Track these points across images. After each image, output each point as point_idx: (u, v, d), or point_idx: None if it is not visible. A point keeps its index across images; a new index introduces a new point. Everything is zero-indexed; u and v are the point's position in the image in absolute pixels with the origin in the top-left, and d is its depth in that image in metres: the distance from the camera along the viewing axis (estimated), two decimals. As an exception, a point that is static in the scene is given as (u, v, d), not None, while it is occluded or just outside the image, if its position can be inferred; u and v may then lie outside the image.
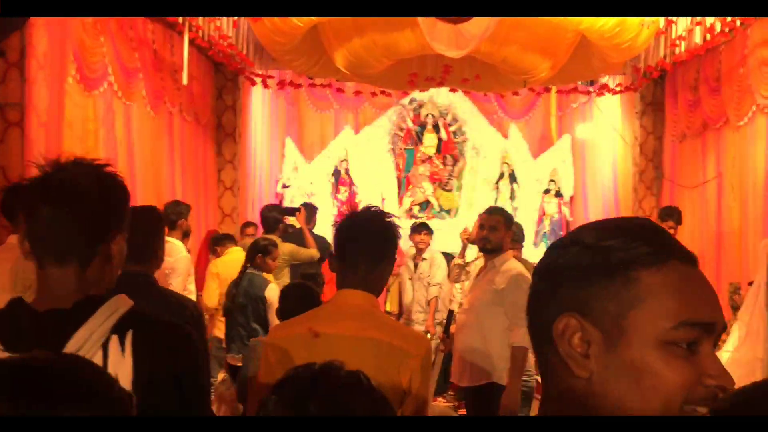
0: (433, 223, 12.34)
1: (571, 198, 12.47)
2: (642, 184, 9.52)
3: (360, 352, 2.17)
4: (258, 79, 9.19)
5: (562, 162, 12.59)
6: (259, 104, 10.98)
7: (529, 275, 4.48)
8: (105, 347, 1.49)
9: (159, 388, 1.52)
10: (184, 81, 7.19)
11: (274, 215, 6.62)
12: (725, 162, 7.63)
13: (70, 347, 1.44)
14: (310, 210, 7.59)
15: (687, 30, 6.45)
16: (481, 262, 4.79)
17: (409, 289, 7.20)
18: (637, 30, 6.32)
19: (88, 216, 1.55)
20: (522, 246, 6.96)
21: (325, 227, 12.88)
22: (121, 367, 1.46)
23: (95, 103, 6.36)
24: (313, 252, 6.60)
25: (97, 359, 1.44)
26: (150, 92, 7.37)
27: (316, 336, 2.28)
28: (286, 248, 6.53)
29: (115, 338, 1.49)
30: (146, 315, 1.62)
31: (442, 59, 7.27)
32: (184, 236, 6.01)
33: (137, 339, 1.51)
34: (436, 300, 6.92)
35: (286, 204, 12.30)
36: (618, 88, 8.93)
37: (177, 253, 5.86)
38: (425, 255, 7.12)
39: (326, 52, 7.43)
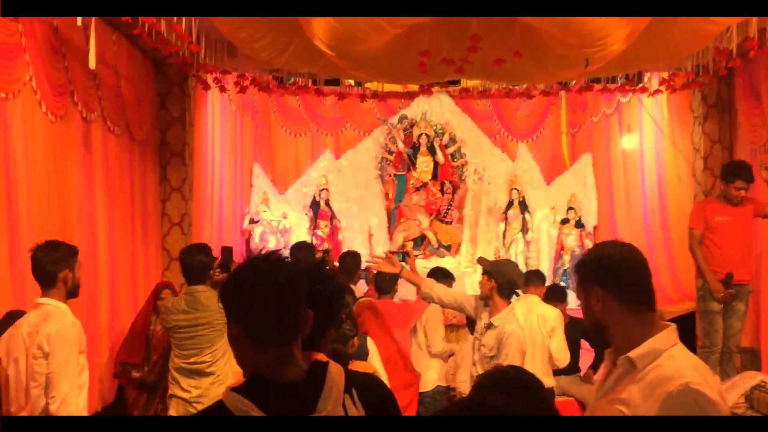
0: (430, 263, 9.93)
1: (595, 228, 10.11)
2: (708, 208, 7.17)
3: None
4: (212, 83, 6.78)
5: (582, 186, 10.25)
6: (218, 119, 8.51)
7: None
8: (344, 406, 1.71)
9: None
10: (91, 64, 4.73)
11: (201, 259, 4.18)
12: None
13: (319, 412, 1.66)
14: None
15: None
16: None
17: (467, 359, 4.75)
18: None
19: (292, 307, 1.69)
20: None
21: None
22: None
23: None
24: None
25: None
26: (45, 85, 4.89)
27: None
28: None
29: (348, 398, 1.73)
30: (356, 374, 1.86)
31: (465, 30, 4.91)
32: (70, 295, 3.51)
33: (360, 395, 1.75)
34: None
35: (255, 242, 9.83)
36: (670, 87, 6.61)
37: (58, 320, 3.36)
38: (495, 320, 4.31)
39: (301, 28, 5.04)
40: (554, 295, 5.90)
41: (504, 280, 4.32)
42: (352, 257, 5.50)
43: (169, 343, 4.51)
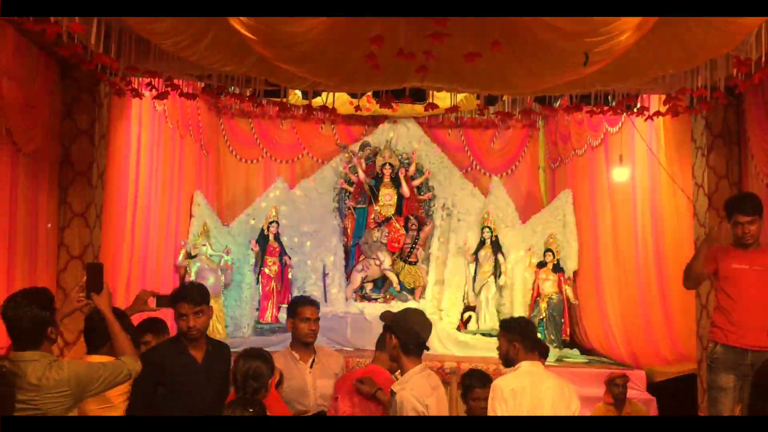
0: (392, 307, 8.57)
1: (576, 273, 8.85)
2: (715, 254, 5.94)
3: None
4: (123, 88, 5.46)
5: (561, 226, 9.01)
6: (146, 136, 7.14)
7: None
8: None
9: None
10: None
11: (32, 314, 2.74)
12: None
13: None
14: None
15: None
16: None
17: None
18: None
19: None
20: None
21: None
22: None
23: None
24: (129, 363, 2.84)
25: None
26: None
27: None
28: (64, 373, 2.63)
29: None
30: None
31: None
32: None
33: None
34: None
35: (192, 280, 8.36)
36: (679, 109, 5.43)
37: None
38: (395, 386, 3.12)
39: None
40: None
41: (405, 334, 3.25)
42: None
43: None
